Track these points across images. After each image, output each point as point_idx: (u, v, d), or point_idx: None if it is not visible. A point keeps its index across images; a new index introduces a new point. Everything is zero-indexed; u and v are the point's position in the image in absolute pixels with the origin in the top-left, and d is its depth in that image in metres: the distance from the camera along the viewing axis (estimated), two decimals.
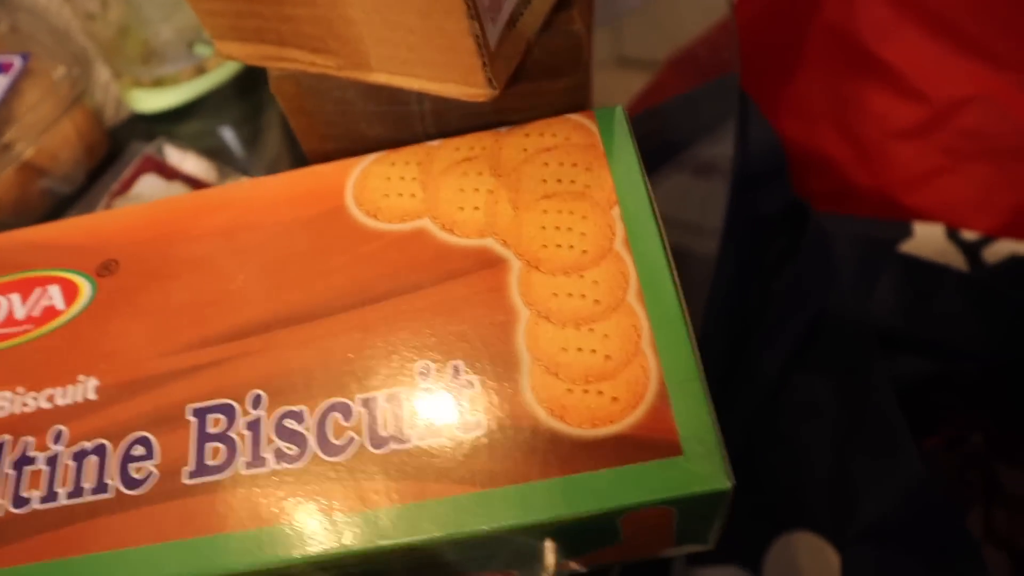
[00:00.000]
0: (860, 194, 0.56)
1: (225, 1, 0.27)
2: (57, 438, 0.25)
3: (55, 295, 0.28)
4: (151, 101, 0.45)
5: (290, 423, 0.24)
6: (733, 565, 0.40)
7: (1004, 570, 0.40)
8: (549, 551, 0.25)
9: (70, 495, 0.24)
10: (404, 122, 0.31)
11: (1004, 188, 0.54)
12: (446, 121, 0.31)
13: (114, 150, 0.45)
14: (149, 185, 0.40)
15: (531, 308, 0.25)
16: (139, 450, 0.24)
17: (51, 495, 0.24)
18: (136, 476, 0.24)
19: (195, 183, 0.41)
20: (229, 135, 0.48)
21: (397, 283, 0.26)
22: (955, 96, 0.55)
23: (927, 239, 0.50)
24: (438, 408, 0.23)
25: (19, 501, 0.24)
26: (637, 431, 0.22)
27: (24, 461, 0.25)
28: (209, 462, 0.24)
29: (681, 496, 0.22)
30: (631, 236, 0.26)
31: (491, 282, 0.25)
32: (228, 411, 0.24)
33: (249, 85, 0.49)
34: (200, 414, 0.25)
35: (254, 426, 0.24)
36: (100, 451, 0.25)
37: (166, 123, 0.47)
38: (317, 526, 0.22)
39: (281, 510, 0.23)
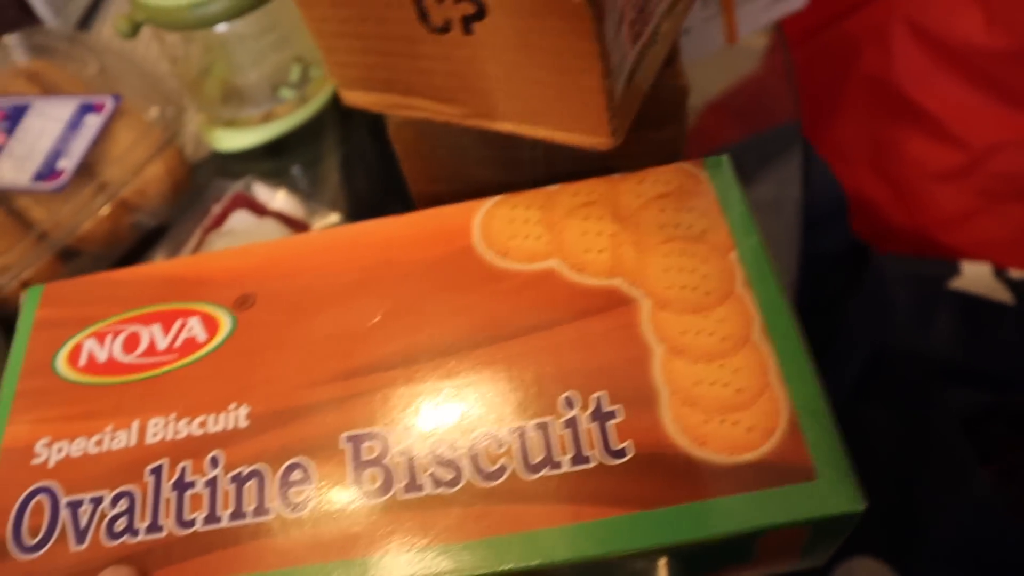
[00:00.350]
0: (899, 234, 0.59)
1: (359, 55, 0.29)
2: (214, 463, 0.27)
3: (196, 327, 0.30)
4: (232, 140, 0.47)
5: (443, 451, 0.26)
6: None
7: None
8: (662, 568, 0.27)
9: (232, 516, 0.26)
10: (515, 166, 0.33)
11: None
12: (555, 165, 0.33)
13: (193, 185, 0.47)
14: (241, 221, 0.42)
15: (663, 344, 0.27)
16: (297, 475, 0.26)
17: (214, 517, 0.26)
18: (296, 500, 0.25)
19: (285, 219, 0.43)
20: (297, 175, 0.50)
21: (533, 320, 0.28)
22: (991, 141, 0.58)
23: (975, 277, 0.52)
24: (585, 437, 0.25)
25: (183, 523, 0.26)
26: (773, 458, 0.24)
27: (183, 485, 0.26)
28: (367, 486, 0.25)
29: (817, 518, 0.24)
30: (750, 278, 0.28)
31: (623, 320, 0.27)
32: (381, 438, 0.26)
33: (317, 129, 0.50)
34: (355, 441, 0.26)
35: (408, 453, 0.26)
36: (257, 476, 0.26)
37: (238, 161, 0.49)
38: (476, 549, 0.24)
39: (440, 532, 0.24)
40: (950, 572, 0.38)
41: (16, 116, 0.45)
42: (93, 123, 0.44)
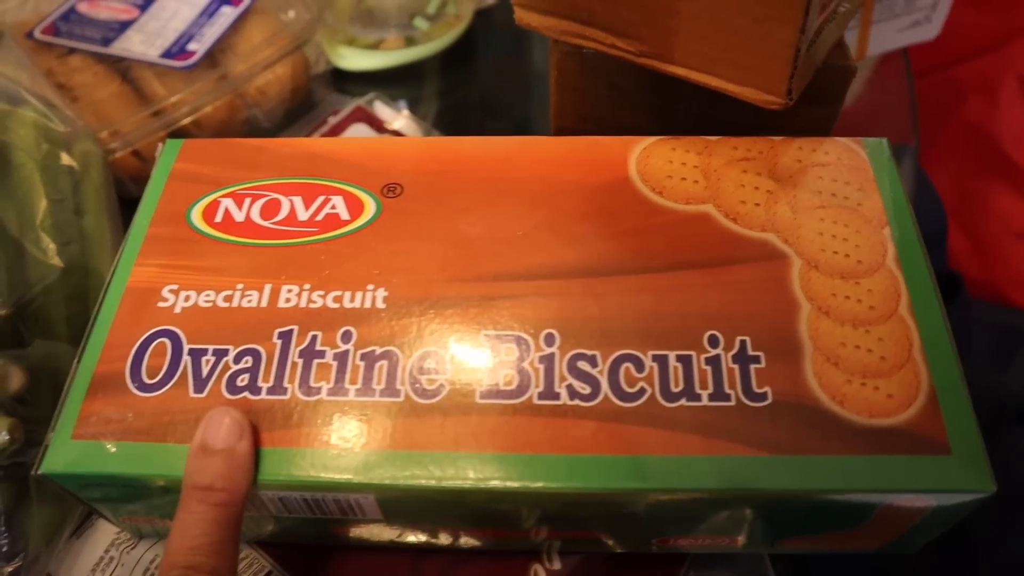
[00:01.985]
0: (973, 286, 0.59)
1: None
2: (347, 337, 0.26)
3: (339, 206, 0.30)
4: (355, 60, 0.47)
5: (583, 364, 0.26)
6: None
7: None
8: (747, 528, 0.27)
9: (359, 392, 0.25)
10: (667, 117, 0.34)
11: None
12: (705, 125, 0.33)
13: (308, 96, 0.47)
14: (359, 133, 0.42)
15: (812, 302, 0.27)
16: (430, 363, 0.26)
17: (341, 389, 0.26)
18: (428, 387, 0.25)
19: None
20: (405, 110, 0.50)
21: (685, 258, 0.28)
22: None
23: None
24: (727, 374, 0.25)
25: (308, 390, 0.26)
26: (910, 427, 0.24)
27: (312, 353, 0.26)
28: (502, 386, 0.25)
29: (949, 489, 0.24)
30: (901, 256, 0.28)
31: (774, 273, 0.27)
32: (522, 343, 0.26)
33: (423, 71, 0.50)
34: (494, 340, 0.26)
35: (547, 361, 0.26)
36: (391, 357, 0.26)
37: (350, 82, 0.49)
38: (602, 465, 0.24)
39: (570, 443, 0.24)
40: None
41: None
42: (228, 14, 0.44)
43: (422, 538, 0.28)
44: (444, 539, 0.29)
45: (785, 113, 0.32)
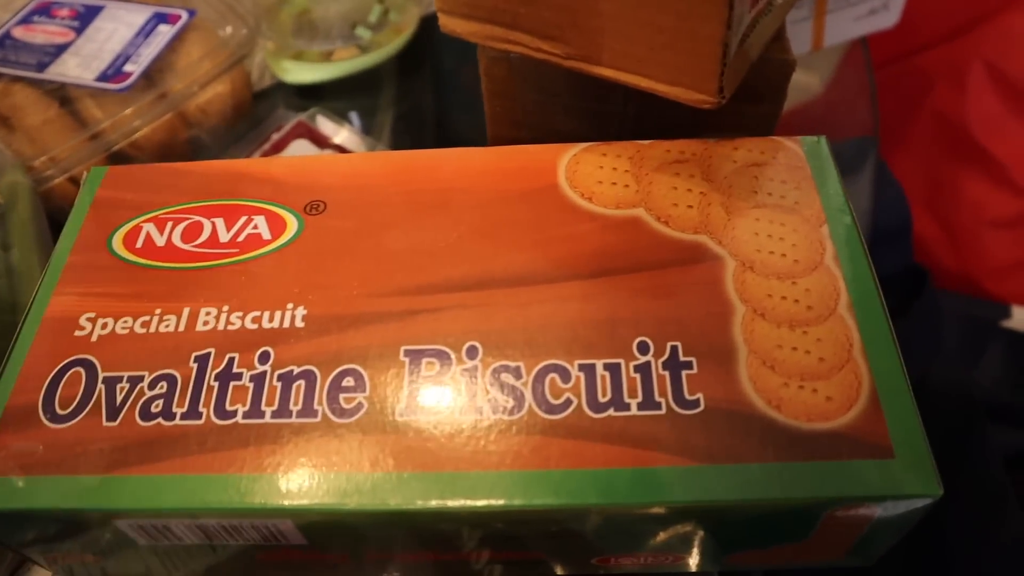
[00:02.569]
0: (947, 276, 0.58)
1: None
2: (264, 358, 0.25)
3: (261, 225, 0.29)
4: (299, 73, 0.46)
5: (506, 377, 0.25)
6: None
7: None
8: (699, 542, 0.26)
9: (275, 414, 0.24)
10: (603, 121, 0.33)
11: None
12: (643, 127, 0.32)
13: (253, 113, 0.46)
14: (301, 150, 0.41)
15: (747, 304, 0.26)
16: (349, 381, 0.25)
17: (256, 412, 0.25)
18: (346, 405, 0.24)
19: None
20: (355, 120, 0.49)
21: (614, 263, 0.27)
22: None
23: None
24: (657, 382, 0.24)
25: (223, 413, 0.25)
26: (850, 431, 0.23)
27: (228, 376, 0.25)
28: (422, 403, 0.24)
29: (892, 496, 0.23)
30: (840, 254, 0.27)
31: (707, 275, 0.26)
32: (443, 357, 0.25)
33: (381, 78, 0.50)
34: (414, 355, 0.25)
35: (468, 374, 0.25)
36: (308, 376, 0.25)
37: (299, 96, 0.48)
38: (529, 480, 0.23)
39: (493, 458, 0.23)
40: None
41: (88, 16, 0.44)
42: (165, 32, 0.43)
43: (356, 564, 0.27)
44: (380, 565, 0.27)
45: (725, 112, 0.31)
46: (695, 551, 0.26)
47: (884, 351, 0.25)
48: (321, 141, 0.42)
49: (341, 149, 0.42)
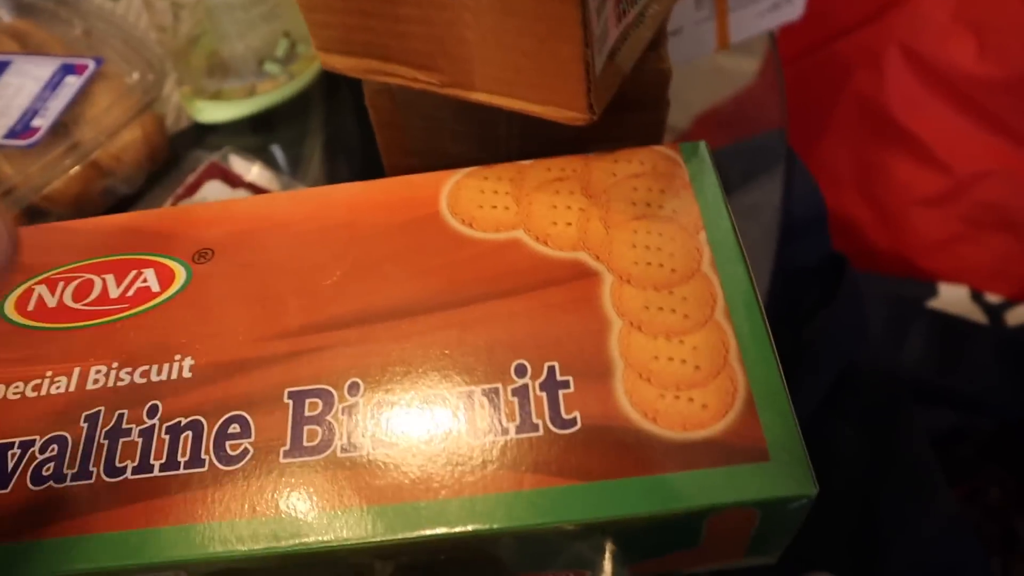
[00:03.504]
0: (880, 256, 0.59)
1: (340, 15, 0.29)
2: (152, 412, 0.26)
3: (150, 278, 0.29)
4: (214, 112, 0.46)
5: (386, 412, 0.25)
6: None
7: None
8: (608, 556, 0.26)
9: (164, 467, 0.25)
10: (490, 143, 0.33)
11: (1019, 258, 0.56)
12: (529, 145, 0.33)
13: (171, 157, 0.46)
14: (214, 191, 0.41)
15: (623, 318, 0.26)
16: (235, 428, 0.25)
17: (145, 466, 0.25)
18: (232, 453, 0.25)
19: (259, 192, 0.42)
20: (278, 154, 0.49)
21: (493, 287, 0.27)
22: (976, 169, 0.58)
23: (952, 299, 0.52)
24: (534, 403, 0.24)
25: (113, 471, 0.25)
26: (726, 437, 0.24)
27: (118, 432, 0.25)
28: (306, 443, 0.25)
29: (769, 499, 0.23)
30: (717, 259, 0.27)
31: (584, 292, 0.27)
32: (326, 396, 0.25)
33: (302, 109, 0.50)
34: (297, 397, 0.25)
35: (348, 412, 0.25)
36: (196, 427, 0.25)
37: (220, 135, 0.48)
38: (412, 511, 0.23)
39: (376, 493, 0.24)
40: None
41: None
42: (72, 84, 0.43)
43: None
44: None
45: (608, 123, 0.31)
46: (597, 566, 0.26)
47: (760, 354, 0.25)
48: (234, 180, 0.42)
49: (254, 187, 0.42)
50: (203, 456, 0.25)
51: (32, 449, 0.26)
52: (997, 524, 0.45)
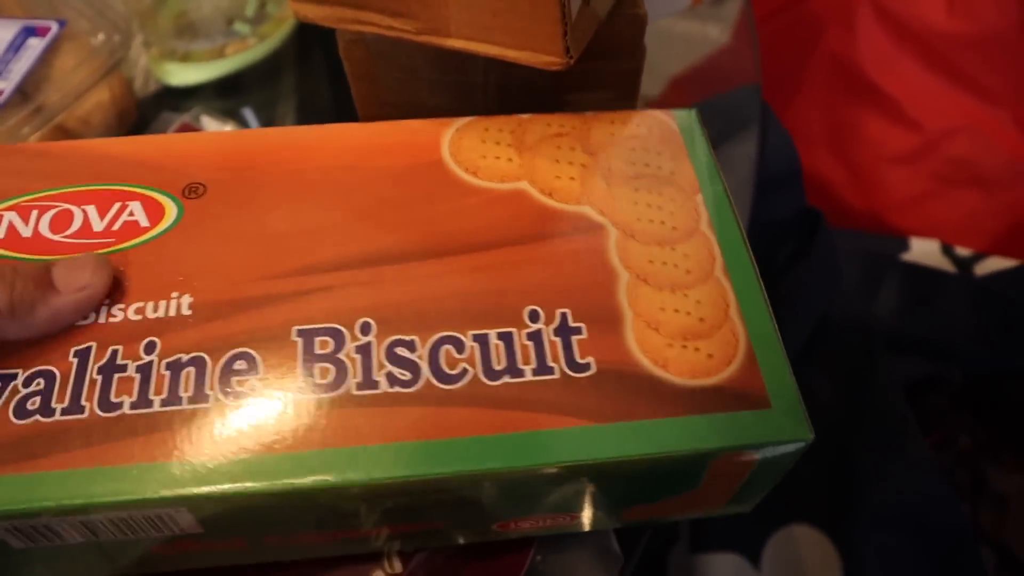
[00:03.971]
0: (853, 214, 0.60)
1: None
2: (150, 349, 0.25)
3: (138, 212, 0.28)
4: (183, 75, 0.45)
5: (401, 350, 0.25)
6: (733, 553, 0.42)
7: (990, 564, 0.43)
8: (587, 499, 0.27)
9: (165, 403, 0.24)
10: (467, 93, 0.33)
11: (988, 214, 0.59)
12: (507, 95, 0.33)
13: (139, 121, 0.44)
14: None
15: (630, 271, 0.27)
16: (241, 365, 0.25)
17: (144, 402, 0.24)
18: (239, 388, 0.24)
19: None
20: (250, 118, 0.48)
21: (500, 235, 0.27)
22: (946, 126, 0.59)
23: (923, 253, 0.54)
24: (549, 348, 0.25)
25: (108, 405, 0.24)
26: (731, 384, 0.25)
27: (112, 368, 0.24)
28: (318, 381, 0.24)
29: (770, 442, 0.24)
30: (714, 220, 0.28)
31: (591, 244, 0.27)
32: (337, 335, 0.25)
33: (274, 71, 0.49)
34: (307, 335, 0.25)
35: (364, 350, 0.25)
36: (197, 363, 0.25)
37: (189, 98, 0.47)
38: (431, 449, 0.23)
39: (393, 431, 0.23)
40: (884, 538, 0.39)
41: None
42: (35, 46, 0.41)
43: (254, 550, 0.27)
44: (279, 550, 0.27)
45: (586, 71, 0.31)
46: (590, 508, 0.27)
47: (757, 310, 0.26)
48: None
49: None
50: (208, 392, 0.24)
51: (14, 383, 0.24)
52: (968, 471, 0.47)
